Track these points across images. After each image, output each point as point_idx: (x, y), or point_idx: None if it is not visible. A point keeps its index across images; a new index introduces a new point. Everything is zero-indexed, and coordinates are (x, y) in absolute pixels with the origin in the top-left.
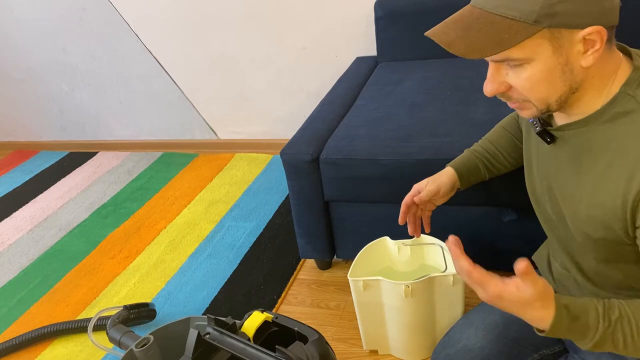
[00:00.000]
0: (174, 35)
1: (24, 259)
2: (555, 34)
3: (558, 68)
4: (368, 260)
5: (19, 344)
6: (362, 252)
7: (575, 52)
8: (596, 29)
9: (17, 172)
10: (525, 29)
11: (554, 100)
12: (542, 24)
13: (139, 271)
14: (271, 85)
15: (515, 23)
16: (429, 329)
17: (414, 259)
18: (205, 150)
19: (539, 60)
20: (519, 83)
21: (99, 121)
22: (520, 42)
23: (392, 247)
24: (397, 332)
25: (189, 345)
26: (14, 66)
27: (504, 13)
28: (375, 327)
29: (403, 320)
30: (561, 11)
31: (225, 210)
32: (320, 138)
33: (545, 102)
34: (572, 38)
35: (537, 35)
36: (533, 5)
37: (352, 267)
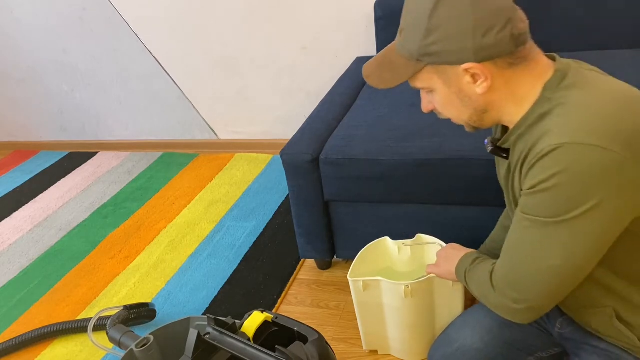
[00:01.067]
0: (174, 35)
1: (24, 259)
2: (439, 69)
3: (454, 96)
4: (368, 261)
5: (19, 344)
6: (362, 252)
7: (466, 83)
8: (470, 65)
9: (17, 172)
10: (413, 65)
11: (466, 120)
12: (423, 62)
13: (139, 271)
14: (271, 85)
15: (406, 61)
16: (428, 329)
17: (415, 259)
18: (205, 150)
19: (437, 91)
20: (435, 105)
21: (99, 121)
22: (411, 76)
23: (392, 247)
24: (397, 332)
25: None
26: (14, 66)
27: (400, 52)
28: (375, 327)
29: (403, 320)
30: (435, 51)
31: (225, 210)
32: (320, 138)
33: (461, 120)
34: (456, 72)
35: (424, 70)
36: (414, 46)
37: (352, 267)
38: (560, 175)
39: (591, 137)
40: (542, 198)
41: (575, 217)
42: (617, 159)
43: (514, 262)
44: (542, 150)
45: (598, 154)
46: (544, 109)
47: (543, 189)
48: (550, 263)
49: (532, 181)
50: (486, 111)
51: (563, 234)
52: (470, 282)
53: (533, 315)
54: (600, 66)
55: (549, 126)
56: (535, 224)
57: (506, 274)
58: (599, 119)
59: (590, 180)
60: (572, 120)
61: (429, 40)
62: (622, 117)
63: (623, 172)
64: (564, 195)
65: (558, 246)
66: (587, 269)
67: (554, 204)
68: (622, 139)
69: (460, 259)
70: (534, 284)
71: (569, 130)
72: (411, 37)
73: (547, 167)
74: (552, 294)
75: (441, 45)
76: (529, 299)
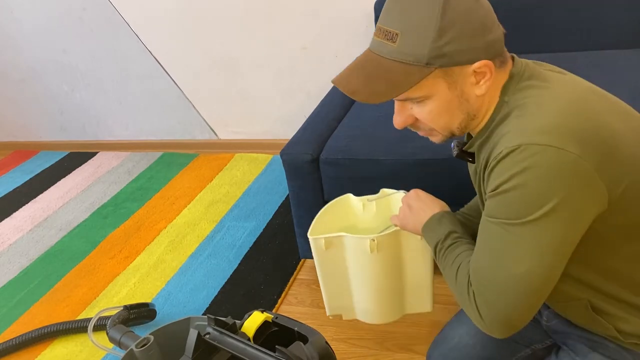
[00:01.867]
0: (174, 35)
1: (24, 259)
2: (447, 72)
3: (455, 100)
4: (330, 219)
5: (19, 344)
6: (324, 210)
7: (469, 84)
8: (484, 62)
9: (17, 172)
10: (419, 71)
11: (455, 127)
12: (434, 65)
13: (139, 271)
14: (271, 85)
15: (409, 67)
16: (397, 288)
17: (381, 215)
18: (205, 150)
19: (437, 96)
20: (423, 116)
21: (99, 121)
22: (415, 83)
23: (356, 204)
24: (363, 293)
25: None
26: (14, 66)
27: (398, 58)
28: (339, 290)
29: (370, 279)
30: (449, 52)
31: (225, 210)
32: (320, 138)
33: (448, 129)
34: (463, 72)
35: (431, 75)
36: (423, 50)
37: (313, 225)
38: (518, 176)
39: (546, 137)
40: (503, 200)
41: (537, 219)
42: (572, 159)
43: (483, 270)
44: (501, 152)
45: (554, 154)
46: (502, 113)
47: (503, 190)
48: (517, 270)
49: (493, 184)
50: (475, 117)
51: (527, 237)
52: (444, 266)
53: (508, 330)
54: (600, 66)
55: (506, 129)
56: (498, 227)
57: (479, 286)
58: (554, 119)
59: (548, 181)
60: (528, 121)
61: (442, 40)
62: (577, 115)
63: (579, 171)
64: (523, 196)
65: (523, 251)
66: (556, 273)
67: (515, 206)
68: (577, 138)
69: (430, 221)
70: (505, 296)
71: (525, 131)
72: (417, 40)
73: (505, 169)
74: (525, 305)
75: (456, 44)
76: (503, 313)
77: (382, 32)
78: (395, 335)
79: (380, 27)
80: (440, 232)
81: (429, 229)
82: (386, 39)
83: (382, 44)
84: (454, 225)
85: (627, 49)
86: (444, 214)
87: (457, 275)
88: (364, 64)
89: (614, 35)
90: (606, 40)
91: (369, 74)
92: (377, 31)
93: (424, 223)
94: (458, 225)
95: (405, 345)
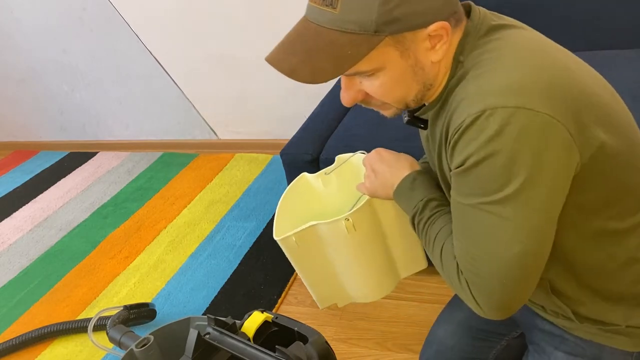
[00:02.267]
0: (174, 35)
1: (24, 259)
2: (399, 39)
3: (409, 70)
4: (292, 209)
5: (19, 344)
6: (282, 202)
7: (423, 50)
8: (440, 24)
9: (17, 172)
10: (367, 40)
11: (410, 99)
12: (384, 33)
13: (139, 271)
14: (271, 85)
15: (355, 37)
16: (385, 257)
17: (345, 185)
18: (205, 150)
19: (388, 67)
20: (374, 90)
21: (99, 121)
22: (364, 55)
23: (314, 182)
24: (352, 275)
25: (189, 345)
26: (14, 66)
27: (342, 27)
28: (324, 280)
29: (354, 259)
30: (400, 16)
31: (225, 210)
32: (320, 138)
33: (403, 102)
34: (416, 38)
35: (380, 44)
36: (370, 15)
37: (276, 224)
38: (487, 146)
39: (512, 97)
40: (473, 175)
41: (516, 192)
42: (544, 120)
43: (472, 259)
44: (463, 122)
45: (523, 115)
46: (458, 74)
47: (472, 164)
48: (509, 254)
49: (459, 158)
50: (431, 86)
51: (510, 216)
52: (425, 241)
53: (508, 313)
54: (600, 66)
55: (464, 93)
56: (475, 209)
57: (470, 275)
58: (518, 75)
59: (521, 147)
60: (489, 81)
61: (391, 3)
62: (543, 69)
63: (553, 132)
64: (495, 168)
65: (511, 231)
66: (548, 245)
67: (488, 180)
68: (546, 94)
69: (401, 186)
70: (502, 284)
71: (488, 93)
72: (360, 5)
73: (470, 140)
74: (523, 287)
75: (408, 5)
76: (502, 299)
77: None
78: (395, 335)
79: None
80: (415, 200)
81: (402, 197)
82: (324, 4)
83: (319, 12)
84: (428, 188)
85: (627, 49)
86: (415, 175)
87: (441, 257)
88: (302, 37)
89: (614, 35)
90: (606, 40)
91: (308, 49)
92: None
93: (394, 188)
94: (432, 186)
95: (405, 345)
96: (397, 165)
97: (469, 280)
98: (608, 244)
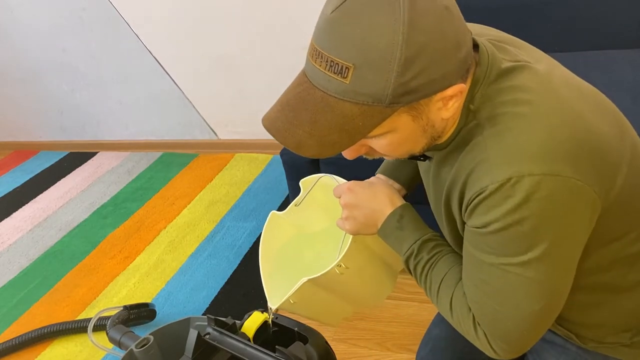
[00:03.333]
0: (174, 35)
1: (24, 259)
2: (413, 106)
3: (419, 130)
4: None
5: (19, 344)
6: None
7: (435, 110)
8: (457, 88)
9: (17, 172)
10: (380, 112)
11: (417, 151)
12: (399, 104)
13: (139, 271)
14: (271, 85)
15: (367, 108)
16: (381, 269)
17: (318, 208)
18: (205, 150)
19: (398, 130)
20: (380, 147)
21: (99, 121)
22: (377, 126)
23: (288, 218)
24: (355, 299)
25: (189, 346)
26: (14, 66)
27: (353, 99)
28: (334, 314)
29: (353, 289)
30: (418, 86)
31: (225, 211)
32: None
33: (409, 155)
34: (430, 101)
35: (394, 114)
36: (385, 88)
37: (267, 291)
38: (513, 213)
39: (538, 164)
40: (497, 238)
41: (542, 254)
42: (570, 184)
43: (492, 312)
44: (486, 187)
45: (550, 183)
46: (470, 124)
47: (497, 229)
48: (533, 308)
49: (479, 221)
50: (440, 136)
51: (534, 274)
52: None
53: (521, 353)
54: (600, 66)
55: (483, 153)
56: (496, 267)
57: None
58: (541, 138)
59: (547, 213)
60: (511, 144)
61: (409, 73)
62: (564, 127)
63: (579, 195)
64: (521, 233)
65: (534, 289)
66: (567, 292)
67: (514, 244)
68: (570, 156)
69: (386, 226)
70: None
71: (512, 160)
72: (374, 77)
73: (495, 206)
74: (542, 331)
75: (425, 75)
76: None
77: (325, 60)
78: (395, 336)
79: (321, 53)
80: (408, 242)
81: (390, 237)
82: (333, 72)
83: (326, 78)
84: (418, 227)
85: (627, 49)
86: (401, 212)
87: (452, 307)
88: (306, 104)
89: (614, 35)
90: (606, 40)
91: (315, 120)
92: (314, 54)
93: (379, 227)
94: (421, 223)
95: (405, 345)
96: (376, 202)
97: (488, 332)
98: (620, 265)
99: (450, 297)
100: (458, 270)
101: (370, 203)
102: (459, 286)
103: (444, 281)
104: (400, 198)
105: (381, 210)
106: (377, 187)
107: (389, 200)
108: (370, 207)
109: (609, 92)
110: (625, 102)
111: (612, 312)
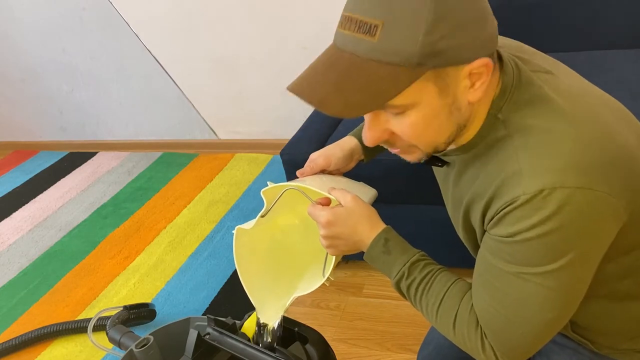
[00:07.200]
0: (174, 35)
1: (23, 259)
2: (440, 74)
3: (445, 109)
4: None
5: (19, 344)
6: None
7: (462, 88)
8: (484, 61)
9: (17, 172)
10: (407, 74)
11: (442, 142)
12: (426, 66)
13: (139, 271)
14: (271, 85)
15: (394, 69)
16: None
17: (285, 207)
18: (205, 150)
19: (423, 105)
20: (403, 130)
21: (99, 121)
22: (403, 89)
23: (256, 230)
24: None
25: (189, 346)
26: (14, 66)
27: (380, 58)
28: None
29: None
30: (446, 48)
31: (225, 211)
32: (320, 138)
33: (433, 145)
34: (458, 74)
35: (420, 78)
36: (413, 46)
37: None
38: (542, 225)
39: (572, 177)
40: (523, 248)
41: (566, 265)
42: (601, 199)
43: (504, 322)
44: (517, 197)
45: (582, 197)
46: (498, 133)
47: (524, 239)
48: (546, 317)
49: (507, 231)
50: (465, 127)
51: (554, 283)
52: (420, 308)
53: None
54: (600, 66)
55: (515, 164)
56: (516, 276)
57: (496, 340)
58: (575, 151)
59: (576, 227)
60: (544, 157)
61: (437, 33)
62: (596, 140)
63: (608, 210)
64: (547, 245)
65: (551, 297)
66: (579, 302)
67: (539, 254)
68: (602, 170)
69: (372, 251)
70: (533, 343)
71: (544, 172)
72: (405, 33)
73: (525, 217)
74: (545, 340)
75: (453, 38)
76: (527, 353)
77: (354, 23)
78: (395, 336)
79: (351, 17)
80: (397, 265)
81: (377, 262)
82: (361, 31)
83: (354, 39)
84: (405, 249)
85: (627, 49)
86: (385, 236)
87: (455, 327)
88: (333, 67)
89: (614, 35)
90: (606, 40)
91: (339, 80)
92: (344, 21)
93: (365, 252)
94: (406, 244)
95: (405, 345)
96: (357, 234)
97: (495, 344)
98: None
99: (454, 315)
100: (458, 288)
101: (352, 235)
102: (463, 303)
103: (445, 300)
104: (379, 220)
105: (362, 240)
106: (355, 214)
107: (369, 227)
108: (352, 240)
109: (609, 92)
110: (625, 102)
111: (629, 319)
